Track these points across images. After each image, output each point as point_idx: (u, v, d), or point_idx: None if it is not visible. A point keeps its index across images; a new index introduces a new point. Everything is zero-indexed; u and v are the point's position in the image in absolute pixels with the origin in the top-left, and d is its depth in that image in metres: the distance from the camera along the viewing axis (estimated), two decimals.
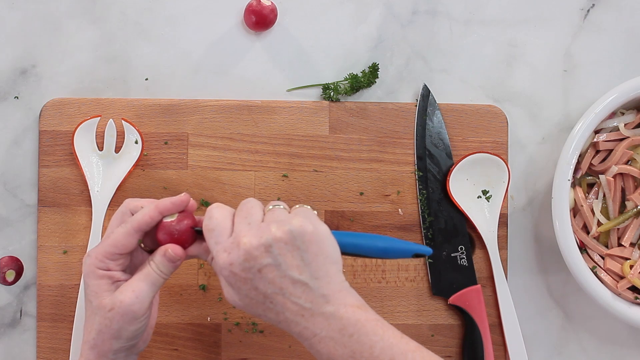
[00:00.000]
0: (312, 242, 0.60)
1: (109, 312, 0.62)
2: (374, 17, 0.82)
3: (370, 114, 0.80)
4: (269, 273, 0.59)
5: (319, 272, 0.60)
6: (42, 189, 0.78)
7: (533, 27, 0.83)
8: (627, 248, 0.78)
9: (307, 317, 0.59)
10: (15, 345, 0.79)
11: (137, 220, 0.64)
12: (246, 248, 0.59)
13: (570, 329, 0.83)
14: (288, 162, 0.80)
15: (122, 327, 0.63)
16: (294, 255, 0.59)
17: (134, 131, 0.78)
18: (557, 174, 0.76)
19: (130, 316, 0.62)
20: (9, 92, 0.80)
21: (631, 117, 0.79)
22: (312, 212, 0.63)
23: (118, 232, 0.64)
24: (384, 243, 0.64)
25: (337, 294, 0.60)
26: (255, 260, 0.59)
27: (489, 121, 0.81)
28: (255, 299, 0.60)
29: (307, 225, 0.60)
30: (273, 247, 0.59)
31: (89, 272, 0.64)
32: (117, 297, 0.63)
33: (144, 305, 0.63)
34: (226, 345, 0.79)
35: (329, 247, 0.61)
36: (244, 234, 0.60)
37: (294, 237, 0.59)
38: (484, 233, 0.80)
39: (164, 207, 0.65)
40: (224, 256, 0.60)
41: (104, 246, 0.64)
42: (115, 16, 0.81)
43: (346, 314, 0.59)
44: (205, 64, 0.81)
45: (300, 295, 0.59)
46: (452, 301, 0.79)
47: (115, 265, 0.64)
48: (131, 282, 0.63)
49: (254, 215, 0.62)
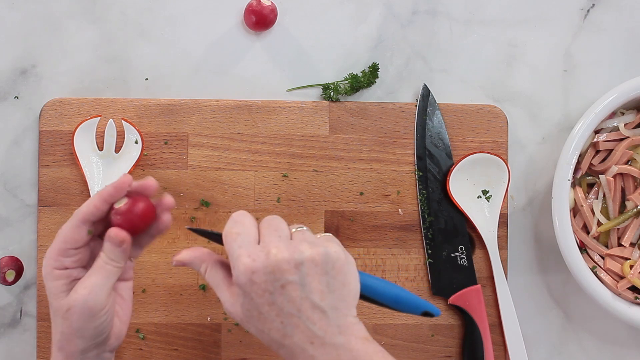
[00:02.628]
0: (341, 271, 0.59)
1: (66, 312, 0.61)
2: (374, 17, 0.82)
3: (370, 114, 0.80)
4: (292, 291, 0.57)
5: (340, 303, 0.58)
6: (42, 189, 0.78)
7: (533, 27, 0.83)
8: (627, 248, 0.78)
9: (317, 345, 0.57)
10: (15, 345, 0.79)
11: (82, 211, 0.62)
12: (276, 259, 0.57)
13: (570, 329, 0.83)
14: (288, 162, 0.80)
15: (82, 326, 0.61)
16: (321, 280, 0.58)
17: (134, 131, 0.78)
18: (557, 174, 0.76)
19: (87, 314, 0.61)
20: (9, 92, 0.80)
21: (631, 117, 0.79)
22: (338, 241, 0.61)
23: (66, 226, 0.62)
24: (399, 292, 0.63)
25: (350, 327, 0.58)
26: (282, 273, 0.57)
27: (489, 121, 0.81)
28: (265, 315, 0.58)
29: (340, 253, 0.59)
30: (303, 266, 0.57)
31: (46, 274, 0.62)
32: (72, 296, 0.61)
33: (100, 300, 0.61)
34: (226, 345, 0.79)
35: (354, 280, 0.60)
36: (274, 245, 0.58)
37: (326, 261, 0.58)
38: (484, 233, 0.80)
39: (107, 194, 0.62)
40: (247, 261, 0.58)
41: (56, 243, 0.62)
42: (115, 16, 0.81)
43: (356, 346, 0.58)
44: (205, 64, 0.81)
45: (315, 322, 0.57)
46: (452, 301, 0.79)
47: (71, 262, 0.62)
48: (84, 279, 0.62)
49: (284, 230, 0.60)
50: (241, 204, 0.79)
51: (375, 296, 0.63)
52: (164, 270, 0.78)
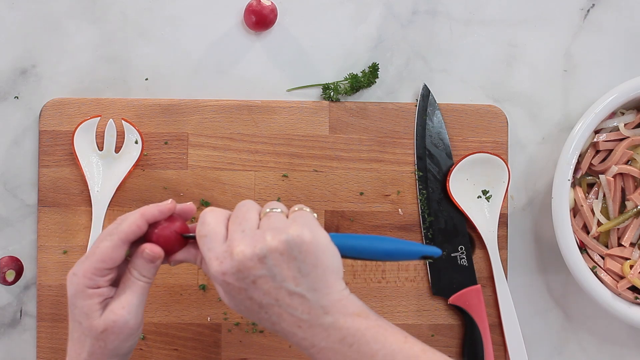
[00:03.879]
0: (309, 252, 0.57)
1: (101, 333, 0.60)
2: (374, 17, 0.82)
3: (370, 114, 0.80)
4: (263, 284, 0.57)
5: (317, 284, 0.57)
6: (42, 189, 0.78)
7: (533, 27, 0.83)
8: (627, 248, 0.78)
9: (305, 328, 0.57)
10: (15, 345, 0.79)
11: (124, 231, 0.61)
12: (239, 258, 0.57)
13: (570, 329, 0.83)
14: (288, 162, 0.80)
15: (118, 345, 0.61)
16: (290, 266, 0.57)
17: (134, 131, 0.78)
18: (557, 174, 0.76)
19: (125, 333, 0.60)
20: (9, 92, 0.80)
21: (631, 117, 0.79)
22: (311, 216, 0.60)
23: (105, 245, 0.60)
24: (389, 245, 0.61)
25: (336, 304, 0.57)
26: (249, 271, 0.57)
27: (489, 121, 0.81)
28: (250, 308, 0.59)
29: (305, 234, 0.57)
30: (268, 258, 0.57)
31: (77, 292, 0.60)
32: (109, 317, 0.60)
33: (138, 318, 0.61)
34: (226, 345, 0.79)
35: (329, 257, 0.58)
36: (237, 243, 0.57)
37: (291, 247, 0.57)
38: (484, 233, 0.80)
39: (151, 215, 0.62)
40: (216, 264, 0.58)
41: (92, 262, 0.60)
42: (115, 16, 0.81)
43: (345, 324, 0.57)
44: (205, 64, 0.81)
45: (297, 307, 0.57)
46: (452, 301, 0.79)
47: (104, 281, 0.61)
48: (119, 298, 0.61)
49: (249, 220, 0.59)
50: None
51: (364, 255, 0.61)
52: (164, 270, 0.78)
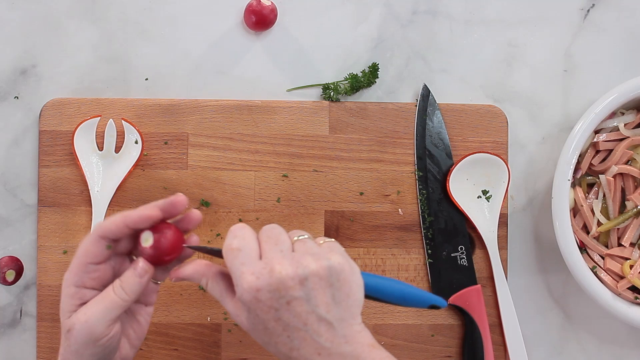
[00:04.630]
0: (346, 282, 0.58)
1: (67, 332, 0.60)
2: (374, 17, 0.82)
3: (370, 114, 0.80)
4: (297, 306, 0.56)
5: (345, 313, 0.58)
6: (42, 189, 0.78)
7: (533, 27, 0.83)
8: (627, 248, 0.78)
9: (324, 356, 0.57)
10: (15, 345, 0.79)
11: (102, 227, 0.61)
12: (281, 277, 0.56)
13: (570, 329, 0.83)
14: (288, 162, 0.80)
15: (79, 349, 0.60)
16: (326, 293, 0.57)
17: (134, 131, 0.78)
18: (557, 174, 0.76)
19: (84, 340, 0.60)
20: (9, 92, 0.80)
21: (631, 117, 0.79)
22: (342, 249, 0.61)
23: (85, 240, 0.61)
24: (404, 289, 0.63)
25: (356, 335, 0.58)
26: (287, 290, 0.56)
27: (489, 121, 0.81)
28: (271, 330, 0.58)
29: (345, 264, 0.58)
30: (308, 281, 0.56)
31: (64, 288, 0.61)
32: (72, 319, 0.60)
33: (98, 329, 0.60)
34: (226, 345, 0.79)
35: (358, 289, 0.59)
36: (278, 261, 0.57)
37: (331, 275, 0.57)
38: (484, 233, 0.80)
39: (131, 220, 0.60)
40: (251, 279, 0.56)
41: (76, 258, 0.61)
42: (115, 16, 0.81)
43: (363, 354, 0.57)
44: (205, 64, 0.81)
45: (322, 334, 0.57)
46: (452, 301, 0.79)
47: (90, 279, 0.61)
48: (87, 305, 0.60)
49: (284, 242, 0.59)
50: (241, 204, 0.79)
51: (381, 296, 0.63)
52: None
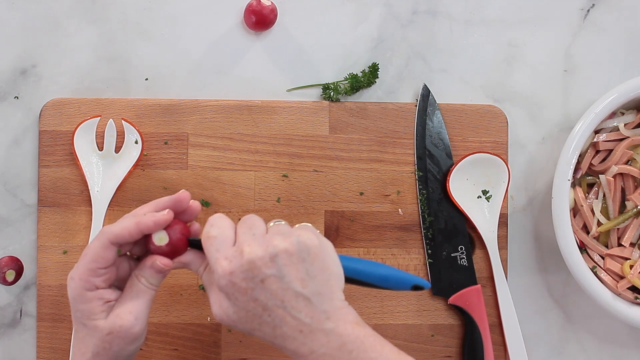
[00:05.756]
0: (317, 256, 0.59)
1: (107, 335, 0.61)
2: (374, 17, 0.82)
3: (370, 114, 0.80)
4: (272, 284, 0.58)
5: (322, 288, 0.59)
6: (42, 189, 0.78)
7: (533, 27, 0.83)
8: (627, 248, 0.78)
9: (306, 333, 0.58)
10: (15, 345, 0.79)
11: (114, 233, 0.61)
12: (250, 257, 0.58)
13: (570, 329, 0.83)
14: (288, 162, 0.80)
15: (123, 348, 0.61)
16: (299, 268, 0.58)
17: (134, 131, 0.78)
18: (557, 174, 0.76)
19: (131, 338, 0.61)
20: (9, 92, 0.80)
21: (631, 117, 0.79)
22: (315, 229, 0.62)
23: (94, 245, 0.61)
24: (385, 271, 0.63)
25: (337, 311, 0.59)
26: (258, 270, 0.58)
27: (489, 121, 0.81)
28: (252, 312, 0.59)
29: (314, 239, 0.59)
30: (278, 258, 0.58)
31: (76, 296, 0.61)
32: (116, 322, 0.61)
33: (144, 324, 0.62)
34: (226, 345, 0.79)
35: (334, 263, 0.60)
36: (248, 243, 0.59)
37: (300, 249, 0.58)
38: (484, 233, 0.80)
39: (145, 226, 0.62)
40: (224, 264, 0.58)
41: (85, 263, 0.61)
42: (115, 16, 0.81)
43: (346, 331, 0.58)
44: (205, 64, 0.81)
45: (301, 310, 0.58)
46: (452, 301, 0.79)
47: (101, 281, 0.62)
48: (126, 303, 0.62)
49: (258, 227, 0.60)
50: (241, 204, 0.79)
51: (362, 277, 0.63)
52: None
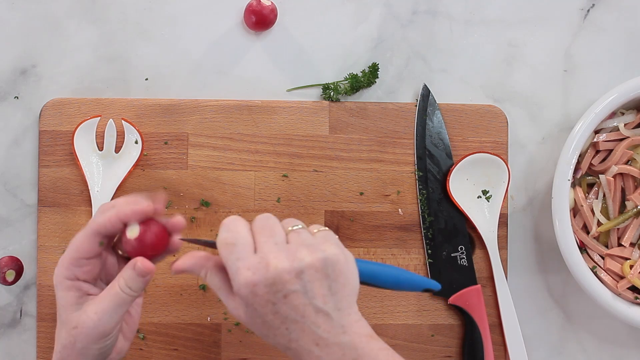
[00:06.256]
0: (341, 273, 0.58)
1: (73, 329, 0.60)
2: (374, 17, 0.82)
3: (370, 114, 0.80)
4: (294, 299, 0.56)
5: (342, 303, 0.58)
6: (42, 189, 0.78)
7: (533, 27, 0.83)
8: (627, 248, 0.78)
9: (322, 347, 0.57)
10: (15, 345, 0.79)
11: (97, 223, 0.60)
12: (277, 271, 0.56)
13: (570, 329, 0.83)
14: (288, 162, 0.80)
15: (86, 346, 0.60)
16: (323, 284, 0.57)
17: (134, 131, 0.78)
18: (557, 174, 0.76)
19: (94, 337, 0.60)
20: (9, 92, 0.80)
21: (631, 117, 0.79)
22: (336, 237, 0.61)
23: (79, 235, 0.61)
24: (399, 273, 0.63)
25: (354, 324, 0.58)
26: (283, 285, 0.56)
27: (489, 121, 0.81)
28: (269, 323, 0.58)
29: (340, 255, 0.58)
30: (304, 274, 0.57)
31: (57, 283, 0.61)
32: (81, 317, 0.60)
33: (109, 326, 0.60)
34: (226, 345, 0.79)
35: (353, 277, 0.59)
36: (273, 255, 0.57)
37: (326, 266, 0.57)
38: (484, 233, 0.80)
39: (124, 214, 0.60)
40: (247, 275, 0.56)
41: (68, 252, 0.61)
42: (115, 16, 0.81)
43: (361, 344, 0.57)
44: (205, 64, 0.81)
45: (320, 325, 0.57)
46: (452, 301, 0.79)
47: (82, 273, 0.61)
48: (95, 302, 0.60)
49: (278, 234, 0.59)
50: (241, 204, 0.79)
51: (376, 282, 0.63)
52: (164, 270, 0.78)
